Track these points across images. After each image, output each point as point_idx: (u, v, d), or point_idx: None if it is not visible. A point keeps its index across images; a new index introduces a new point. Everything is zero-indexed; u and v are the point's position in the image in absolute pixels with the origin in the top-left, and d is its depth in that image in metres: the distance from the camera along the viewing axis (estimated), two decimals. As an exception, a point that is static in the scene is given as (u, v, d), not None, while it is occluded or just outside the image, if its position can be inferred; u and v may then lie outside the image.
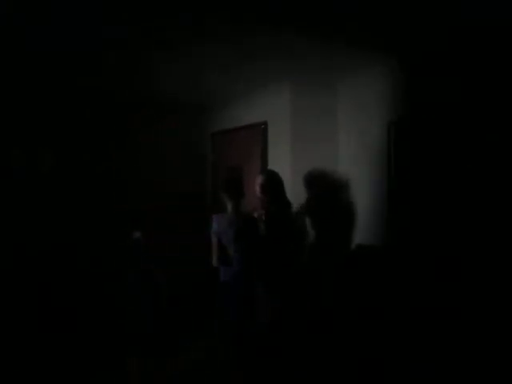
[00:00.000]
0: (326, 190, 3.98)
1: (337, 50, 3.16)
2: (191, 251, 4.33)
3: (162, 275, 3.12)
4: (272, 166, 4.01)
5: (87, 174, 4.38)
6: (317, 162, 3.96)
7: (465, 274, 2.92)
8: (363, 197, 3.78)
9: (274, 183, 3.38)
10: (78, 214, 4.23)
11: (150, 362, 3.05)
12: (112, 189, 4.47)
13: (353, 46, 3.08)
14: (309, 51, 3.15)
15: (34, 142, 4.05)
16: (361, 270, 3.60)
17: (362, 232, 3.80)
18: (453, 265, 3.01)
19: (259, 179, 3.46)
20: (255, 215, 3.28)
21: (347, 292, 3.58)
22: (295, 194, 3.42)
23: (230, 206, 3.00)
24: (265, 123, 4.26)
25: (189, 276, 4.38)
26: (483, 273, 2.83)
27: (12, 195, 3.86)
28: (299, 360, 3.32)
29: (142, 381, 3.09)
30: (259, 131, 4.32)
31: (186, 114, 5.22)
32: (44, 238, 3.95)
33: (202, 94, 4.58)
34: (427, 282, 3.12)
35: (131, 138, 4.73)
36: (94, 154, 4.43)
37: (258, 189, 3.42)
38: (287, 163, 3.88)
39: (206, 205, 5.29)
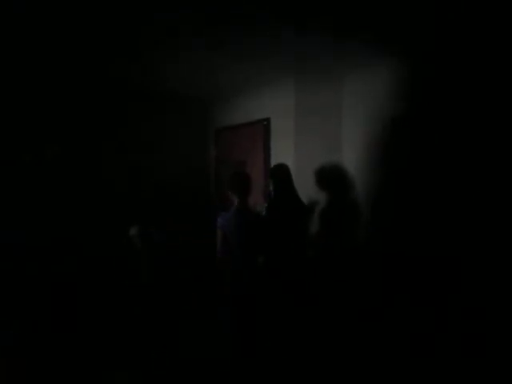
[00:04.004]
0: (336, 189, 3.96)
1: (341, 46, 3.15)
2: (196, 246, 4.35)
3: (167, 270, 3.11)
4: (275, 162, 4.01)
5: (90, 168, 4.40)
6: (320, 159, 3.95)
7: (465, 272, 2.92)
8: (366, 192, 3.77)
9: (277, 177, 3.37)
10: (79, 206, 4.26)
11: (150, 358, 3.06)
12: (115, 183, 4.49)
13: (357, 42, 3.06)
14: (313, 48, 3.14)
15: (40, 135, 4.09)
16: (362, 268, 3.60)
17: (366, 230, 3.80)
18: (452, 260, 3.00)
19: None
20: (258, 208, 3.31)
21: (348, 288, 3.59)
22: (298, 189, 3.41)
23: (235, 203, 2.99)
24: (268, 120, 4.26)
25: (193, 271, 4.40)
26: (484, 272, 2.83)
27: (19, 183, 3.94)
28: (298, 354, 3.33)
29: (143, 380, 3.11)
30: (262, 127, 4.31)
31: (190, 110, 5.23)
32: (45, 226, 3.99)
33: (205, 91, 4.57)
34: (428, 280, 3.12)
35: (135, 133, 4.75)
36: (97, 149, 4.45)
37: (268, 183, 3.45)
38: (290, 159, 3.87)
39: (210, 199, 5.31)
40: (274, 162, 4.11)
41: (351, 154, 3.97)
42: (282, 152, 4.05)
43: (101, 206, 4.33)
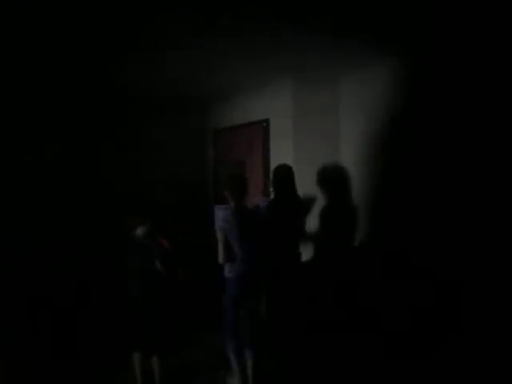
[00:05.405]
0: (337, 190, 3.97)
1: (340, 46, 3.16)
2: (195, 247, 4.36)
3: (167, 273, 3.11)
4: (274, 162, 4.01)
5: (90, 168, 4.41)
6: (318, 159, 3.95)
7: (465, 273, 2.92)
8: (364, 192, 3.78)
9: (278, 178, 3.39)
10: (79, 206, 4.27)
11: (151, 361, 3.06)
12: (113, 184, 4.50)
13: (356, 42, 3.07)
14: (311, 48, 3.14)
15: (40, 135, 4.11)
16: (362, 269, 3.61)
17: (364, 230, 3.81)
18: (452, 261, 3.01)
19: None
20: (260, 204, 3.33)
21: (347, 291, 3.59)
22: (297, 189, 3.42)
23: (233, 204, 3.00)
24: (266, 121, 4.26)
25: (193, 273, 4.41)
26: (484, 271, 2.83)
27: (20, 183, 3.96)
28: (299, 358, 3.33)
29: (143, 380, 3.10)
30: (261, 128, 4.32)
31: (189, 111, 5.23)
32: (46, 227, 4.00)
33: (205, 91, 4.57)
34: (428, 282, 3.13)
35: (135, 133, 4.75)
36: (97, 149, 4.46)
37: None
38: (289, 160, 3.87)
39: (208, 200, 5.31)
40: (273, 162, 4.11)
41: (350, 154, 3.99)
42: (281, 152, 4.05)
43: (101, 206, 4.34)
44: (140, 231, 3.04)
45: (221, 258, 2.96)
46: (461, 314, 2.90)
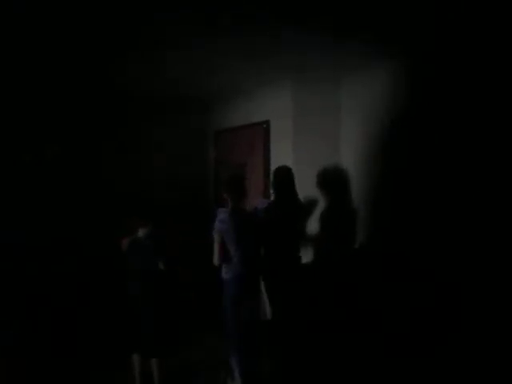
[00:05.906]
0: (337, 192, 3.96)
1: (340, 47, 3.16)
2: (194, 248, 4.36)
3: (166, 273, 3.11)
4: (274, 163, 4.01)
5: (90, 168, 4.43)
6: (319, 160, 3.95)
7: (465, 273, 2.92)
8: (364, 192, 3.78)
9: (278, 179, 3.38)
10: (79, 207, 4.28)
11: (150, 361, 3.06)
12: (114, 184, 4.51)
13: (356, 43, 3.06)
14: (311, 48, 3.14)
15: (40, 135, 4.14)
16: (362, 270, 3.60)
17: (364, 231, 3.80)
18: (453, 262, 3.00)
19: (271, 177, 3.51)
20: (259, 205, 3.32)
21: (347, 292, 3.59)
22: (297, 190, 3.42)
23: (231, 206, 3.00)
24: (267, 122, 4.25)
25: (193, 273, 4.41)
26: (484, 272, 2.83)
27: (20, 183, 3.98)
28: (299, 358, 3.33)
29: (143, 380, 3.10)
30: (262, 130, 4.31)
31: (190, 111, 5.23)
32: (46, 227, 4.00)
33: (205, 91, 4.58)
34: (429, 282, 3.12)
35: (135, 133, 4.76)
36: (97, 149, 4.47)
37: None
38: (289, 161, 3.87)
39: (209, 200, 5.32)
40: (273, 163, 4.11)
41: (350, 154, 3.98)
42: (282, 153, 4.05)
43: (101, 206, 4.34)
44: (141, 232, 3.04)
45: (215, 259, 2.96)
46: (461, 314, 2.90)
